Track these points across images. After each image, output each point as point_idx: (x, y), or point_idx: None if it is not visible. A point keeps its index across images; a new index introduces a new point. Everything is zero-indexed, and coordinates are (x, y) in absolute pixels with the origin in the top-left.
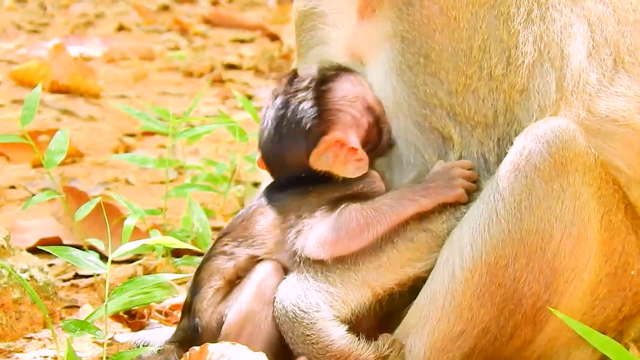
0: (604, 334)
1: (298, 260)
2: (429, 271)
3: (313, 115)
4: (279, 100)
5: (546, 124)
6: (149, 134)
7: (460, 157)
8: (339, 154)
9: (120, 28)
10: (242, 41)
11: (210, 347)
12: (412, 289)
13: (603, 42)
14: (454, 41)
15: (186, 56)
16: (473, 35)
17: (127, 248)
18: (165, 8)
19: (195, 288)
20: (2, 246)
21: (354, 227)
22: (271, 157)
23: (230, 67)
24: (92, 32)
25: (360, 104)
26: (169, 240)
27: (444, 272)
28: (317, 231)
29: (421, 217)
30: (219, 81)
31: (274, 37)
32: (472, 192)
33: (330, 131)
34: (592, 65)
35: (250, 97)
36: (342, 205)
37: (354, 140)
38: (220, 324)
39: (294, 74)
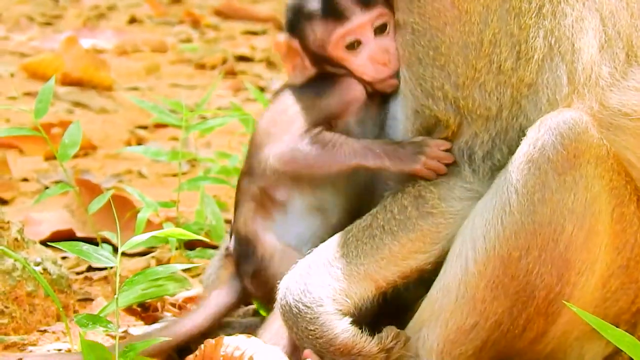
0: (617, 326)
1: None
2: (432, 263)
3: (308, 23)
4: None
5: (559, 115)
6: (161, 126)
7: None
8: (290, 57)
9: (132, 20)
10: (254, 33)
11: (226, 339)
12: (420, 281)
13: (615, 36)
14: (465, 34)
15: (198, 48)
16: (484, 28)
17: (138, 240)
18: (177, 0)
19: (235, 207)
20: (16, 239)
21: (314, 155)
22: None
23: (242, 59)
24: (104, 24)
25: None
26: (180, 231)
27: (456, 265)
28: (284, 145)
29: (415, 199)
30: (231, 73)
31: None
32: (439, 173)
33: (298, 38)
34: (604, 58)
35: (262, 89)
36: (316, 131)
37: (307, 64)
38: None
39: None
